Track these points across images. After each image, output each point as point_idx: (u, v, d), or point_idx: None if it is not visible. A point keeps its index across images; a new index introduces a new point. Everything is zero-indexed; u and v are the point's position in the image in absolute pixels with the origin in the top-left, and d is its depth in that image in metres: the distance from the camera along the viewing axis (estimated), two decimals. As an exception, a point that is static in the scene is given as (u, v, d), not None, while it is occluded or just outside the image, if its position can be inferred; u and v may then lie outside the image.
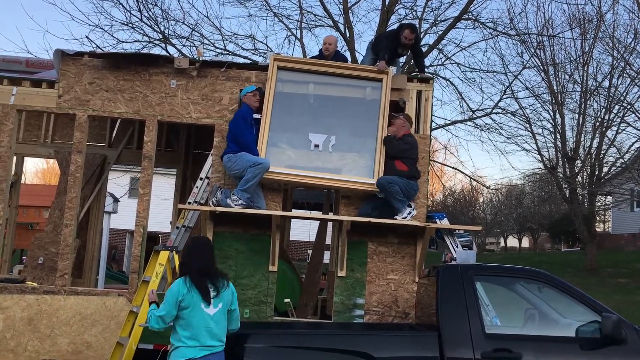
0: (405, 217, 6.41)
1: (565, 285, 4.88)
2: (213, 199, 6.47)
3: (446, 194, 34.87)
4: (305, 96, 6.98)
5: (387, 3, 13.86)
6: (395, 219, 6.40)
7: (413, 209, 6.51)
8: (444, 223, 6.80)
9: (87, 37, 17.58)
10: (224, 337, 4.34)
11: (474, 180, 19.83)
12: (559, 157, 21.41)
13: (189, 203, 6.91)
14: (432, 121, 7.62)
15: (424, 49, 14.15)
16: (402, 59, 11.49)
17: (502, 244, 42.32)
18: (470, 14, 14.09)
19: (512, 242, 42.32)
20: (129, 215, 7.05)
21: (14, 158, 8.07)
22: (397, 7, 14.17)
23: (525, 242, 44.00)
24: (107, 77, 6.87)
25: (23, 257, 12.61)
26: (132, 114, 6.87)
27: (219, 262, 6.53)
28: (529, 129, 20.31)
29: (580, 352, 4.51)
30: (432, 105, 7.05)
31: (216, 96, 6.88)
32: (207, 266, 4.42)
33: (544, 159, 21.67)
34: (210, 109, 6.86)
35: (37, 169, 47.27)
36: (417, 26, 7.93)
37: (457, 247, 6.75)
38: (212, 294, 4.30)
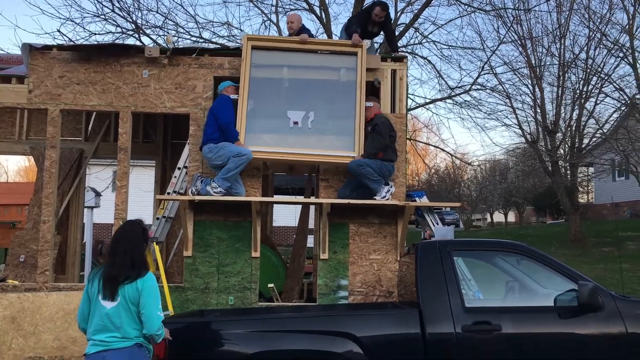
0: (384, 197, 6.41)
1: (542, 256, 4.93)
2: (192, 188, 6.44)
3: (431, 172, 35.00)
4: (280, 80, 6.92)
5: (361, -17, 13.75)
6: (375, 199, 6.41)
7: (391, 187, 6.51)
8: (424, 201, 6.84)
9: (58, 31, 17.20)
10: (129, 333, 3.85)
11: (456, 158, 19.93)
12: (539, 131, 21.53)
13: (168, 193, 6.88)
14: (411, 100, 7.65)
15: (401, 29, 14.13)
16: (379, 40, 11.49)
17: (489, 219, 42.65)
18: (445, -10, 14.08)
19: (499, 217, 42.64)
20: (113, 210, 6.95)
21: (-11, 156, 7.97)
22: (371, -13, 14.09)
23: (511, 217, 44.37)
24: (78, 70, 6.77)
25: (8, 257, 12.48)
26: (105, 106, 6.79)
27: (201, 251, 6.55)
28: (509, 104, 20.44)
29: (558, 321, 4.57)
30: (407, 84, 7.04)
31: (190, 84, 6.82)
32: (112, 255, 3.98)
33: (525, 133, 21.80)
34: (184, 98, 6.80)
35: (19, 167, 46.77)
36: (388, 5, 7.88)
37: (437, 224, 6.80)
38: (109, 285, 3.88)
